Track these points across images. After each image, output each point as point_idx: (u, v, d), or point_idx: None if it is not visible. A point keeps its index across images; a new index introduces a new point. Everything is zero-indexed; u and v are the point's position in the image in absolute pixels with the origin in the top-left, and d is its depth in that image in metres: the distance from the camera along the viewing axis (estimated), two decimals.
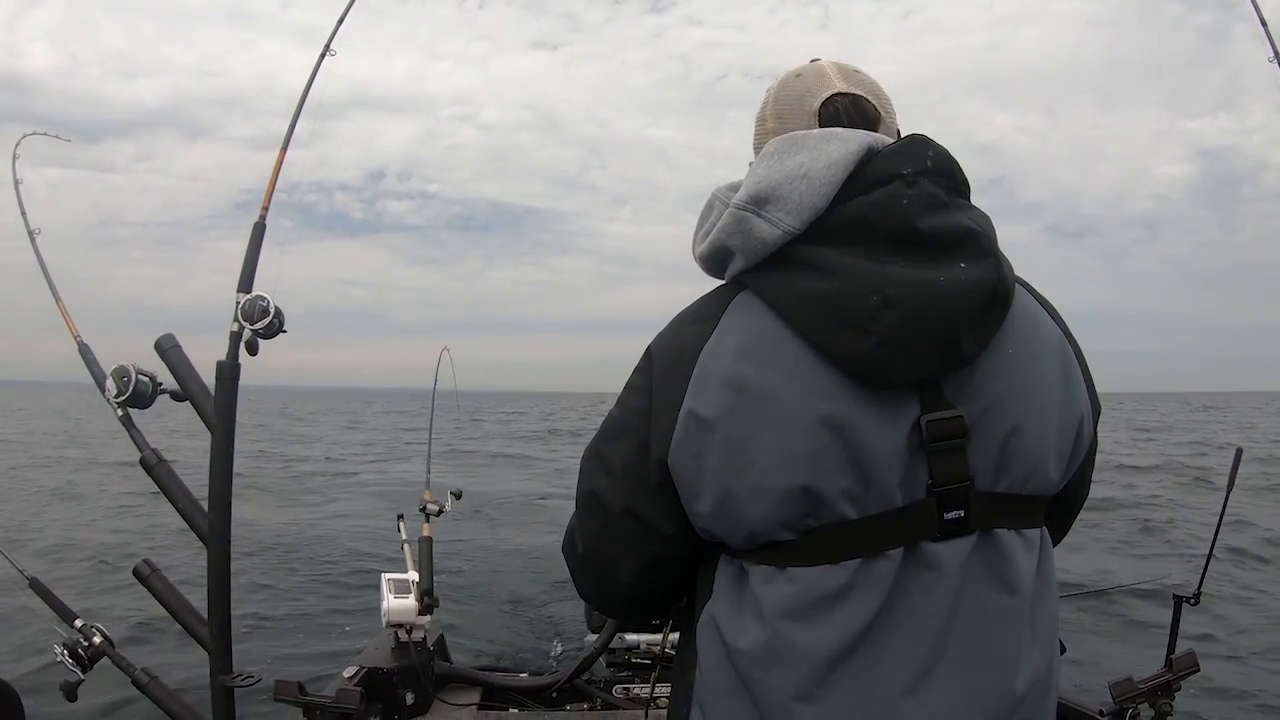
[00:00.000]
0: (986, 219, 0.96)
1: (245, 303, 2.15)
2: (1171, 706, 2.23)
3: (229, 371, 2.18)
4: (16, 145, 2.54)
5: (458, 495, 3.73)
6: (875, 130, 1.05)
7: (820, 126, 1.04)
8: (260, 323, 2.14)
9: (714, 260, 1.02)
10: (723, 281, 1.04)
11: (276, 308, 2.16)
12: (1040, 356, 0.98)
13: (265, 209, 2.24)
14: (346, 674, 3.05)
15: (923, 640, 0.92)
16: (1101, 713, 2.42)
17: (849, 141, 0.95)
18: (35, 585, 2.24)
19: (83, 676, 2.13)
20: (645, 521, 1.00)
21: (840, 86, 1.07)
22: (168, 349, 2.23)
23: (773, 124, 1.10)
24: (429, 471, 3.78)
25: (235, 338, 2.16)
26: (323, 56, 2.35)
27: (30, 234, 2.42)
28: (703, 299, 1.03)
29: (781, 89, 1.11)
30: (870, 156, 0.95)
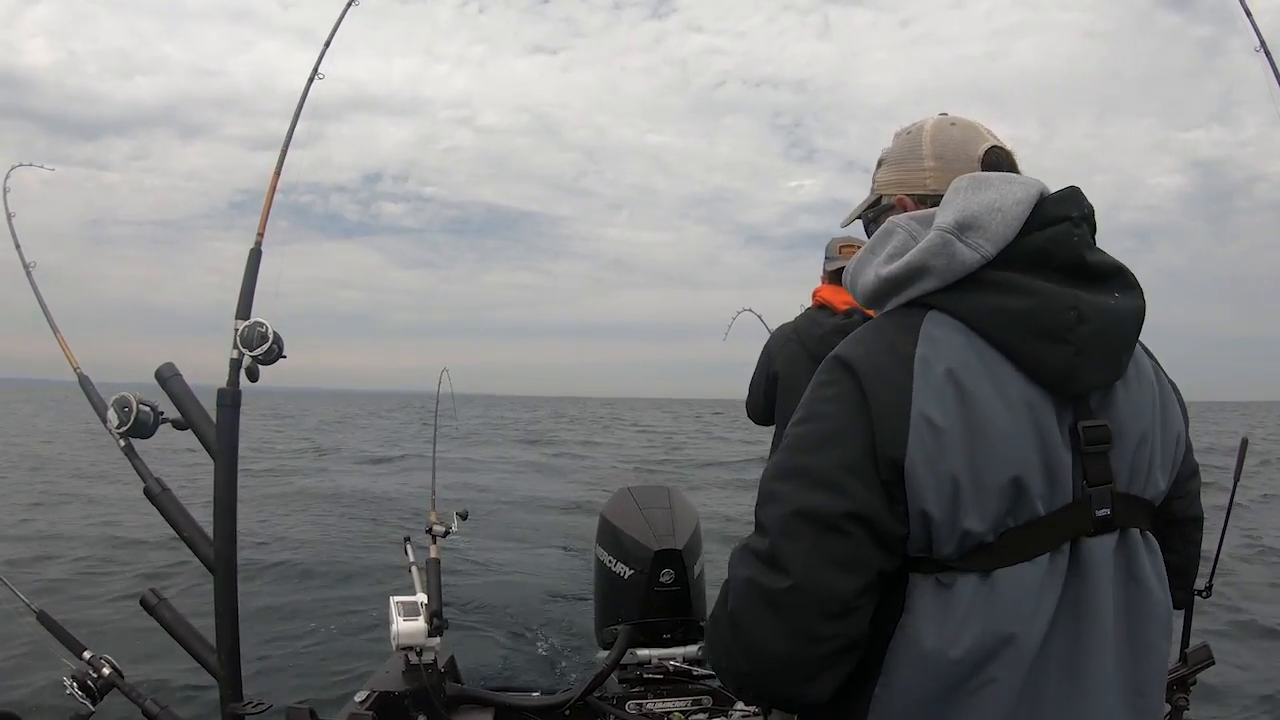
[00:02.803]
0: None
1: (244, 329, 2.16)
2: (1187, 700, 2.22)
3: (230, 399, 2.18)
4: (5, 179, 2.54)
5: (464, 516, 3.73)
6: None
7: (983, 171, 1.19)
8: (259, 349, 2.15)
9: (901, 281, 1.09)
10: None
11: (275, 333, 2.16)
12: (1147, 380, 1.12)
13: (260, 235, 2.25)
14: (358, 698, 3.04)
15: (1086, 631, 1.02)
16: None
17: (1028, 186, 1.09)
18: (43, 618, 2.24)
19: (93, 708, 2.12)
20: (875, 524, 1.00)
21: (994, 141, 1.24)
22: (168, 378, 2.23)
23: (933, 163, 1.24)
24: (434, 493, 3.78)
25: (235, 365, 2.16)
26: (311, 80, 2.36)
27: (26, 268, 2.43)
28: (886, 319, 1.11)
29: (938, 133, 1.25)
30: (1042, 200, 1.09)
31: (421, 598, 3.38)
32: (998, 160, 1.22)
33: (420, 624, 3.26)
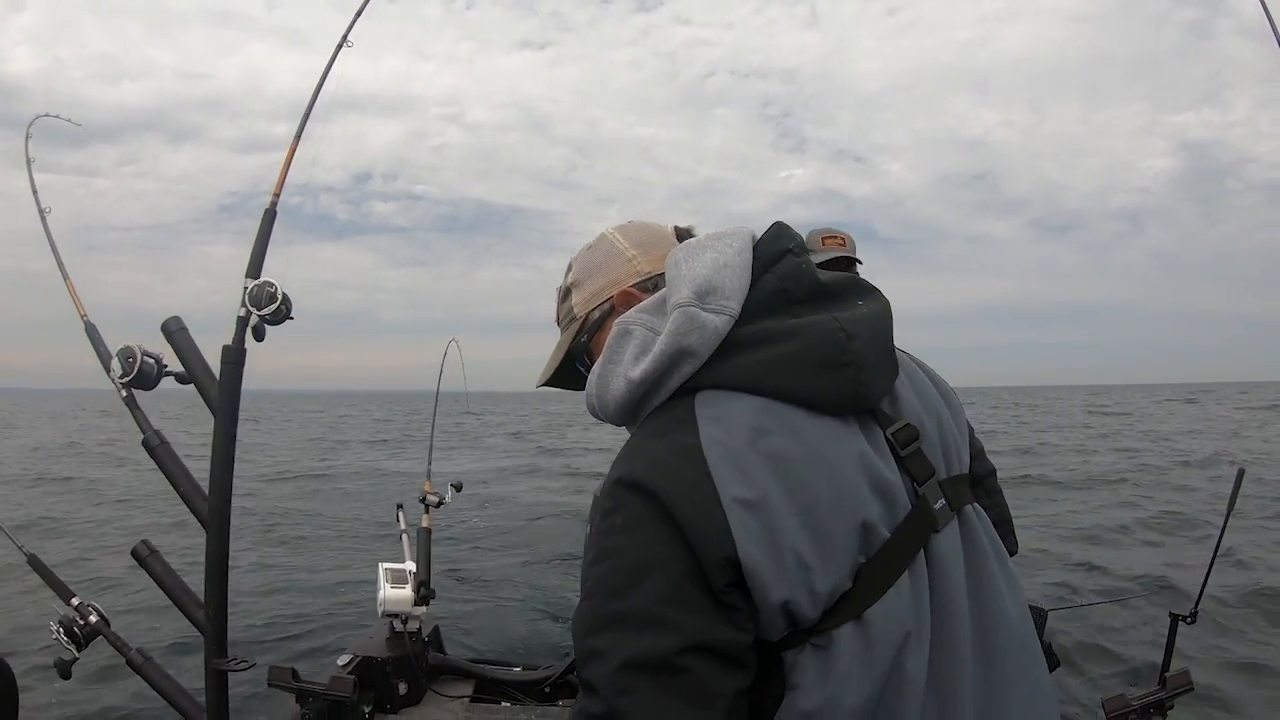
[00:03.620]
0: None
1: (253, 288, 2.15)
2: None
3: (235, 356, 2.18)
4: (30, 125, 2.55)
5: (458, 487, 3.74)
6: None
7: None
8: (268, 308, 2.14)
9: (661, 376, 1.02)
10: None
11: (284, 294, 2.15)
12: (912, 369, 1.14)
13: (276, 196, 2.24)
14: (340, 662, 3.06)
15: (961, 620, 0.98)
16: None
17: (739, 234, 1.09)
18: (33, 562, 2.25)
19: (77, 654, 2.14)
20: (716, 648, 0.89)
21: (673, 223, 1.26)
22: (174, 331, 2.23)
23: (635, 252, 1.21)
24: (430, 463, 3.79)
25: (242, 323, 2.16)
26: (340, 47, 2.36)
27: (40, 212, 2.43)
28: (653, 421, 1.02)
29: (623, 231, 1.25)
30: (755, 243, 1.09)
31: (410, 566, 3.40)
32: (687, 233, 1.23)
33: (407, 592, 3.27)
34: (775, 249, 1.06)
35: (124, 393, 2.20)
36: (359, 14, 2.40)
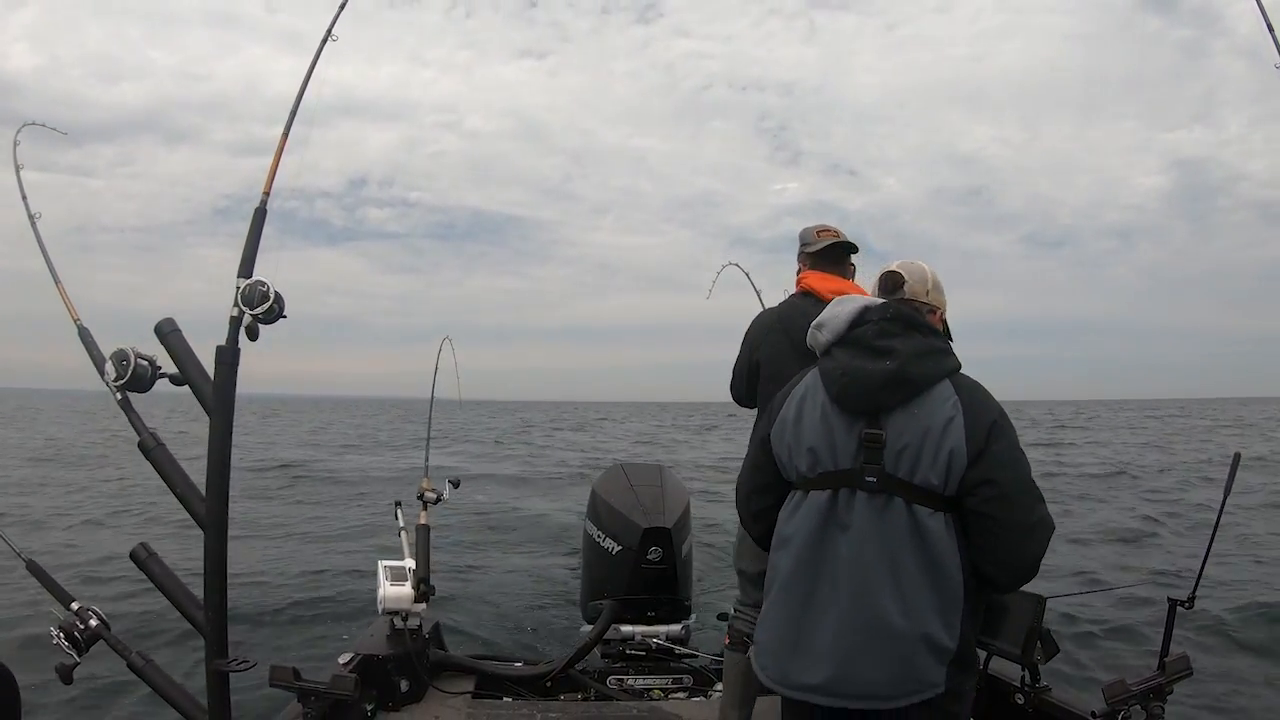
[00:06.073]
0: (921, 345, 1.90)
1: (245, 287, 2.14)
2: (1163, 709, 2.23)
3: (229, 356, 2.17)
4: (17, 133, 2.54)
5: (456, 484, 3.74)
6: (896, 292, 2.04)
7: (878, 289, 2.10)
8: (260, 307, 2.13)
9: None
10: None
11: (276, 293, 2.15)
12: (930, 416, 1.84)
13: (266, 194, 2.23)
14: (342, 660, 3.06)
15: (843, 548, 1.84)
16: (1094, 714, 2.42)
17: (855, 301, 2.00)
18: (32, 567, 2.24)
19: (78, 659, 2.13)
20: (768, 451, 2.04)
21: (892, 268, 2.09)
22: (168, 333, 2.22)
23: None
24: (428, 459, 3.78)
25: (235, 322, 2.15)
26: (324, 41, 2.35)
27: (31, 218, 2.42)
28: (802, 371, 2.08)
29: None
30: (867, 309, 1.96)
31: (409, 563, 3.40)
32: (884, 279, 2.08)
33: (407, 589, 3.28)
34: (866, 317, 1.94)
35: (118, 395, 2.19)
36: (343, 5, 2.40)
